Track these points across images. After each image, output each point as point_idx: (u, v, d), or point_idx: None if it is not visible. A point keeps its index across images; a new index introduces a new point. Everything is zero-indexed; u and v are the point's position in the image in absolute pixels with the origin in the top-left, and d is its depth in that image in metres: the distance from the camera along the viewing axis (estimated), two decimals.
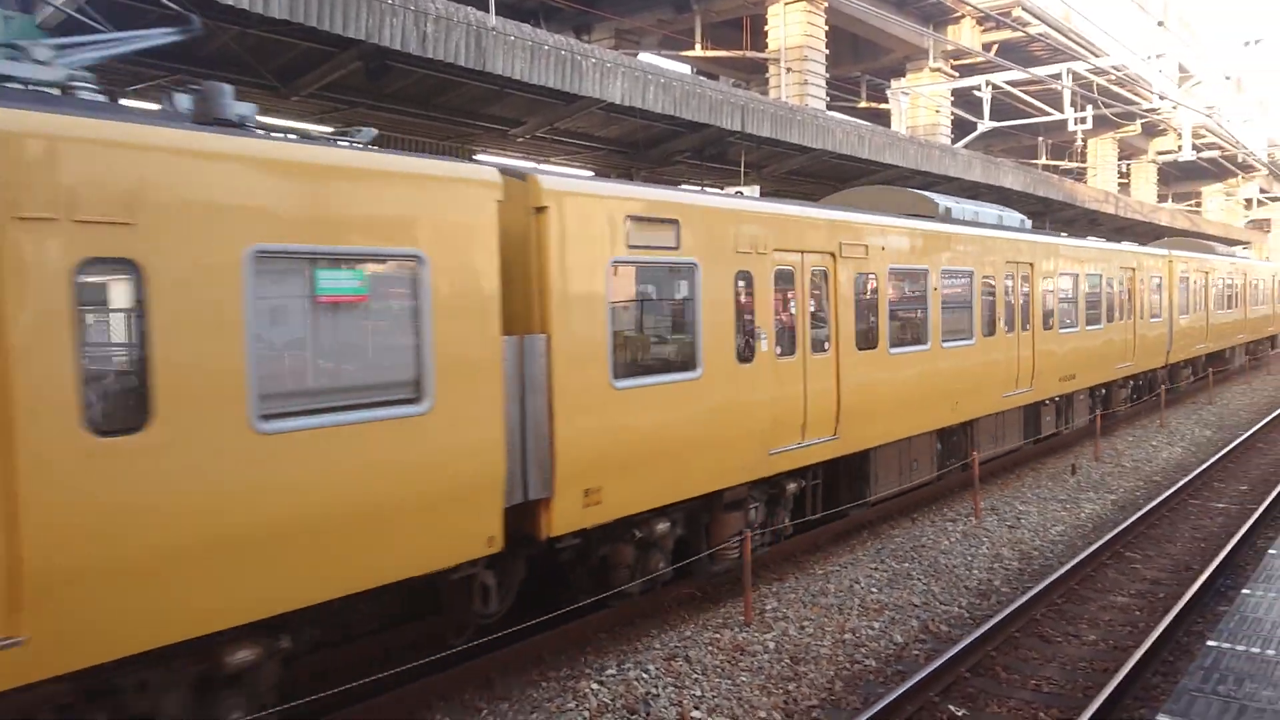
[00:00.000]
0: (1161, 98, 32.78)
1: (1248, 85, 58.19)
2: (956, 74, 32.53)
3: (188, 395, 5.32)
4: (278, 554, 5.72)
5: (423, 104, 13.68)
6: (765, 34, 27.76)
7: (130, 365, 5.28)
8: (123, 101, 12.11)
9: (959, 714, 7.55)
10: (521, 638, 8.11)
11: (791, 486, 10.68)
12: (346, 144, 6.44)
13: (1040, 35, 32.79)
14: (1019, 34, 32.18)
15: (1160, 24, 31.64)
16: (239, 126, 5.94)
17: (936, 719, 7.49)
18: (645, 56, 28.45)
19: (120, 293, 5.33)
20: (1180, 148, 34.36)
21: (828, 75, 28.38)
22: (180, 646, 5.42)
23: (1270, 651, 6.07)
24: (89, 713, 5.32)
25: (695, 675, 8.00)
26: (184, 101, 5.94)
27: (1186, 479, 15.22)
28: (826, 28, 27.64)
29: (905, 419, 12.31)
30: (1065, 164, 42.50)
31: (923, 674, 7.75)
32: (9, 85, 5.43)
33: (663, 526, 8.89)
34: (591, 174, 10.33)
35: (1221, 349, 28.93)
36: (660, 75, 14.46)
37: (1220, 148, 47.72)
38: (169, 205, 5.27)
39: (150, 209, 5.19)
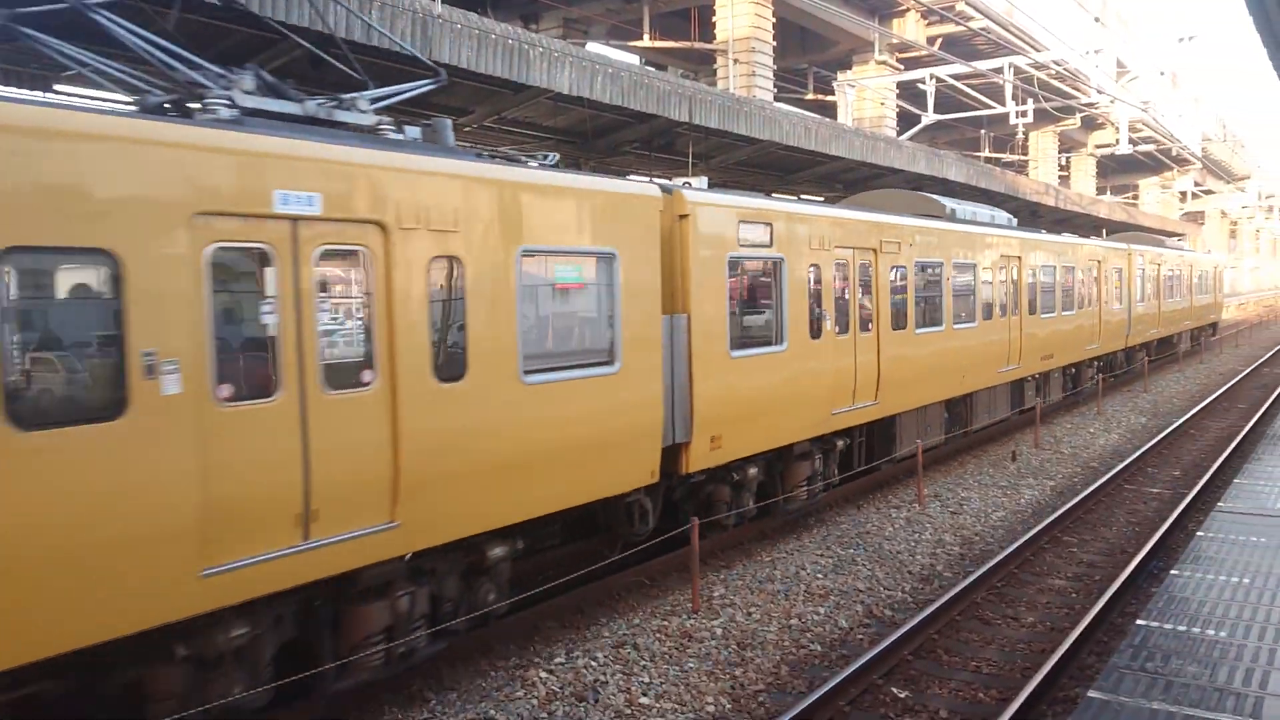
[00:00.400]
0: (1100, 92, 33.50)
1: (1182, 81, 59.66)
2: (902, 67, 32.95)
3: (485, 356, 7.34)
4: (530, 473, 7.72)
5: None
6: (713, 25, 27.85)
7: (456, 335, 7.20)
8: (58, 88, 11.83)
9: (901, 695, 7.70)
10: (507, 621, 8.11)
11: (840, 443, 12.63)
12: (536, 164, 8.36)
13: (983, 30, 33.34)
14: (962, 28, 32.68)
15: (1097, 20, 32.31)
16: (479, 156, 7.97)
17: (880, 701, 7.63)
18: (593, 46, 28.41)
19: (451, 281, 7.14)
20: (1118, 141, 35.14)
21: (775, 67, 28.57)
22: (454, 544, 7.29)
23: (1196, 629, 6.29)
24: (407, 586, 7.06)
25: (643, 662, 8.07)
26: (413, 131, 7.71)
27: (1122, 465, 15.62)
28: (774, 19, 27.81)
29: (925, 389, 14.54)
30: (1007, 156, 43.25)
31: (866, 657, 7.89)
32: (344, 129, 7.16)
33: (753, 471, 10.87)
34: (705, 181, 11.20)
35: (1171, 334, 31.39)
36: (608, 65, 14.46)
37: (1156, 142, 48.93)
38: (476, 217, 7.27)
39: (465, 220, 7.16)
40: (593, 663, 7.99)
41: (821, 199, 23.10)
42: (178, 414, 5.44)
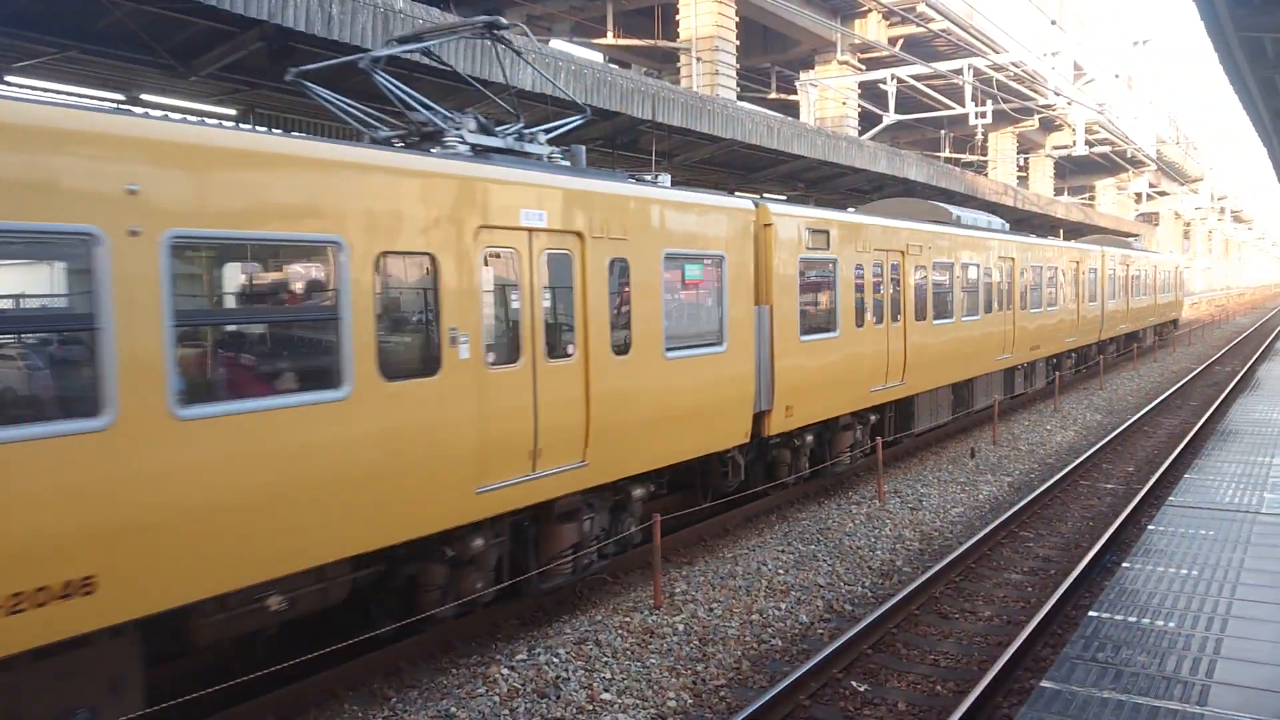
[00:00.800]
0: (1057, 94, 33.99)
1: (1137, 84, 60.68)
2: (863, 67, 33.23)
3: (643, 336, 9.40)
4: (668, 430, 9.79)
5: (329, 87, 13.39)
6: (677, 23, 27.91)
7: (624, 319, 9.21)
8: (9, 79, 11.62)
9: (861, 689, 7.79)
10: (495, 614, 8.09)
11: (873, 417, 14.71)
12: (650, 181, 10.19)
13: (943, 31, 33.69)
14: (923, 29, 33.01)
15: (1054, 22, 32.78)
16: (633, 179, 9.87)
17: (840, 694, 7.71)
18: (556, 43, 28.35)
19: (622, 278, 9.21)
20: (1075, 143, 35.69)
21: (738, 66, 28.69)
22: (613, 483, 9.35)
23: (1145, 620, 6.43)
24: (588, 513, 9.06)
25: (605, 658, 8.09)
26: (563, 158, 9.45)
27: (1077, 461, 15.89)
28: (737, 18, 27.92)
29: (939, 373, 16.56)
30: (967, 157, 43.75)
31: (826, 651, 7.97)
32: (529, 158, 8.89)
33: (810, 438, 13.02)
34: (785, 199, 12.34)
35: (1138, 329, 34.14)
36: (571, 62, 14.45)
37: (1112, 143, 49.73)
38: (638, 227, 9.34)
39: (631, 230, 9.22)
40: (555, 659, 8.00)
41: (784, 198, 23.26)
42: (468, 373, 7.48)
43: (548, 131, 9.66)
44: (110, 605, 5.35)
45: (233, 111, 13.43)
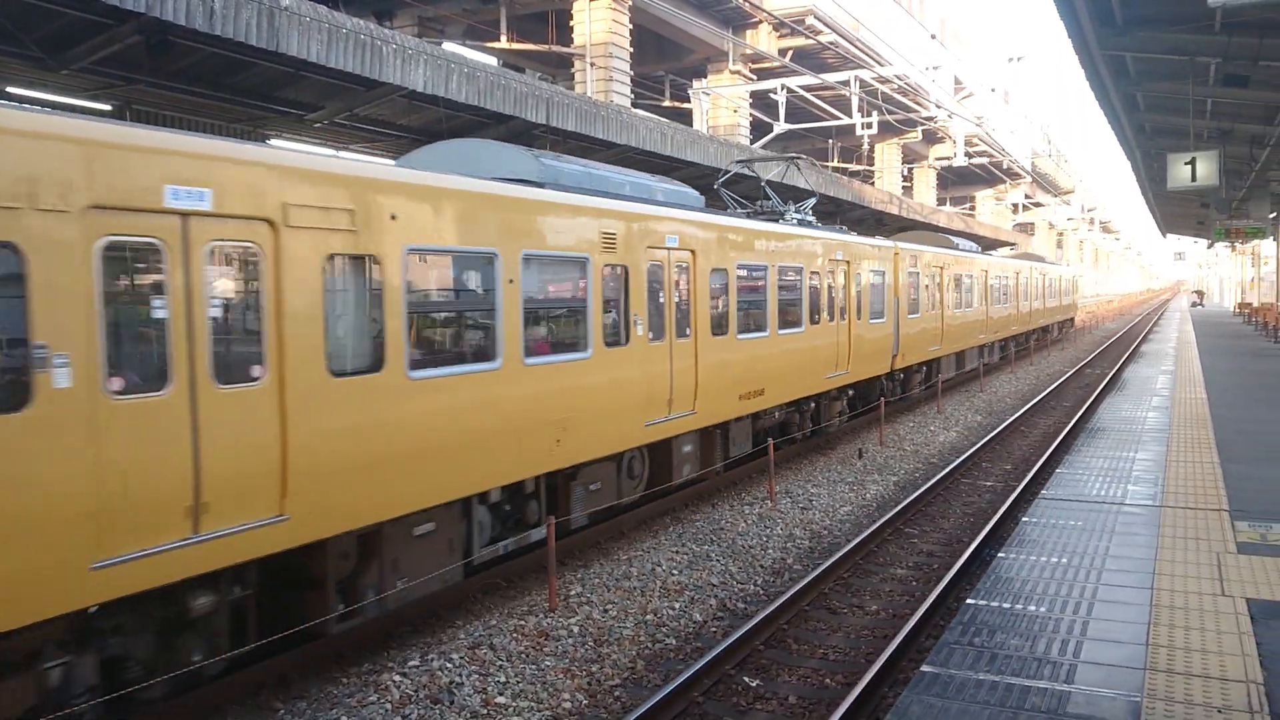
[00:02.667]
0: (938, 107, 35.23)
1: (1013, 99, 63.34)
2: (754, 77, 33.84)
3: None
4: (855, 362, 17.85)
5: (211, 84, 13.02)
6: (571, 29, 27.95)
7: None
8: None
9: (753, 684, 7.93)
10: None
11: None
12: (797, 215, 16.96)
13: (831, 44, 34.56)
14: (812, 41, 33.81)
15: (934, 37, 33.99)
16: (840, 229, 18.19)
17: (733, 690, 7.84)
18: (450, 46, 28.03)
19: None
20: (956, 154, 37.05)
21: (632, 73, 28.89)
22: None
23: (1019, 606, 6.73)
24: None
25: (500, 662, 8.05)
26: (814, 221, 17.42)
27: (959, 460, 16.49)
28: (631, 26, 28.12)
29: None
30: (854, 166, 44.96)
31: (719, 649, 8.09)
32: (807, 224, 16.97)
33: (918, 376, 23.17)
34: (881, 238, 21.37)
35: (1049, 324, 42.93)
36: (464, 64, 14.35)
37: (990, 155, 51.77)
38: (859, 256, 18.33)
39: (853, 257, 17.99)
40: (448, 664, 7.91)
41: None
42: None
43: (799, 209, 17.46)
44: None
45: (107, 107, 12.90)
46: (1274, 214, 30.15)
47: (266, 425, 6.58)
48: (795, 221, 16.52)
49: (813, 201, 18.42)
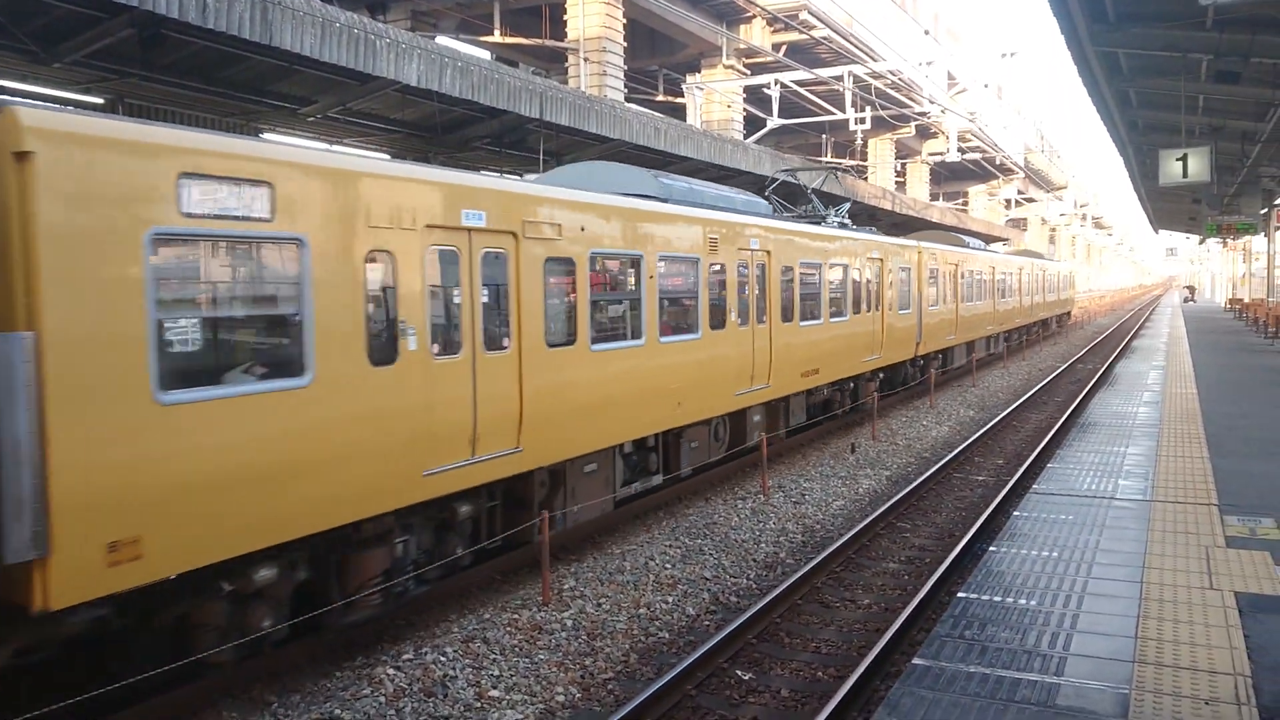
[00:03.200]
0: (931, 102, 35.28)
1: (1007, 95, 63.40)
2: (748, 72, 33.83)
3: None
4: (888, 349, 20.64)
5: (204, 77, 12.99)
6: (564, 23, 27.91)
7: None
8: None
9: (746, 677, 7.97)
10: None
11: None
12: (836, 219, 19.56)
13: (825, 39, 34.57)
14: (805, 36, 33.81)
15: (927, 32, 34.03)
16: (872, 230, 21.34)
17: (725, 683, 7.87)
18: (443, 40, 27.97)
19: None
20: (949, 150, 37.11)
21: (626, 67, 28.87)
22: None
23: (1009, 599, 6.78)
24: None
25: (493, 655, 8.07)
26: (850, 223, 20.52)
27: (951, 455, 16.54)
28: (624, 20, 28.10)
29: (941, 341, 25.45)
30: (847, 161, 45.00)
31: (712, 642, 8.13)
32: (847, 227, 19.80)
33: (936, 361, 25.77)
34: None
35: (1049, 316, 46.79)
36: (458, 59, 14.32)
37: (983, 151, 51.85)
38: (892, 253, 21.01)
39: (887, 255, 20.74)
40: (442, 658, 7.94)
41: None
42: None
43: (837, 212, 20.02)
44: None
45: (99, 100, 12.87)
46: (1265, 210, 30.28)
47: (511, 382, 9.10)
48: (836, 224, 19.20)
49: (847, 205, 21.36)
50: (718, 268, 13.11)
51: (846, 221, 19.95)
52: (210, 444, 6.11)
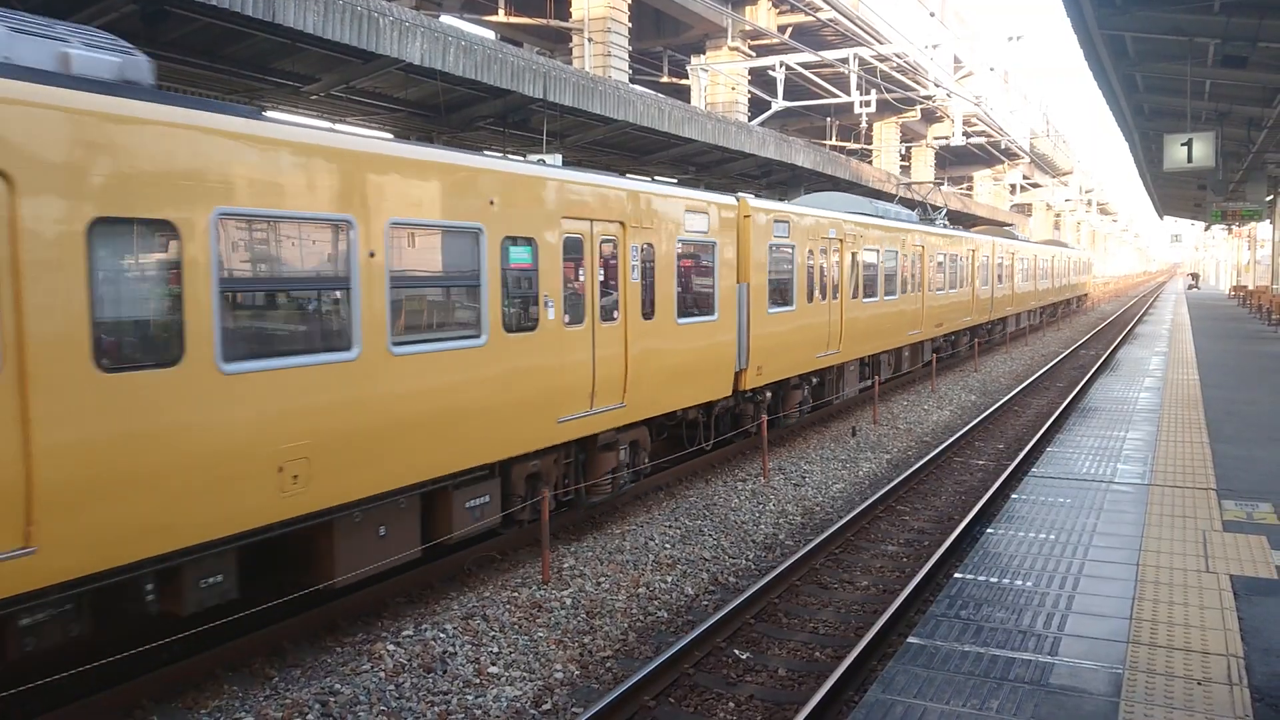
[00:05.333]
0: (937, 85, 35.11)
1: (1013, 79, 63.06)
2: (753, 54, 33.67)
3: (933, 285, 24.25)
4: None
5: (207, 55, 12.95)
6: (569, 3, 27.77)
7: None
8: None
9: (744, 657, 8.02)
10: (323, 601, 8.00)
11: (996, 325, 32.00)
12: (942, 221, 27.17)
13: (831, 21, 34.37)
14: (811, 18, 33.64)
15: (933, 15, 33.83)
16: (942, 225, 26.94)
17: (723, 663, 7.93)
18: (447, 19, 27.86)
19: (938, 262, 24.95)
20: (954, 134, 36.97)
21: (630, 48, 28.74)
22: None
23: (1005, 580, 6.81)
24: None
25: (493, 633, 8.13)
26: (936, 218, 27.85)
27: (952, 439, 16.58)
28: (629, 1, 27.94)
29: (1004, 311, 32.94)
30: (852, 145, 44.83)
31: (710, 622, 8.18)
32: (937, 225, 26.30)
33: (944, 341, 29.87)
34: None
35: (1069, 298, 53.79)
36: (461, 37, 14.27)
37: (988, 135, 51.61)
38: (950, 244, 26.15)
39: (949, 246, 26.23)
40: (441, 635, 7.99)
41: (674, 181, 23.70)
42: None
43: (940, 216, 27.02)
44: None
45: None
46: (1270, 196, 30.17)
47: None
48: (943, 225, 26.66)
49: (944, 212, 29.93)
50: (908, 256, 22.05)
51: (947, 224, 27.74)
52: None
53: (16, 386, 5.29)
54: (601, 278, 10.52)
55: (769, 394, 15.42)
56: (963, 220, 44.34)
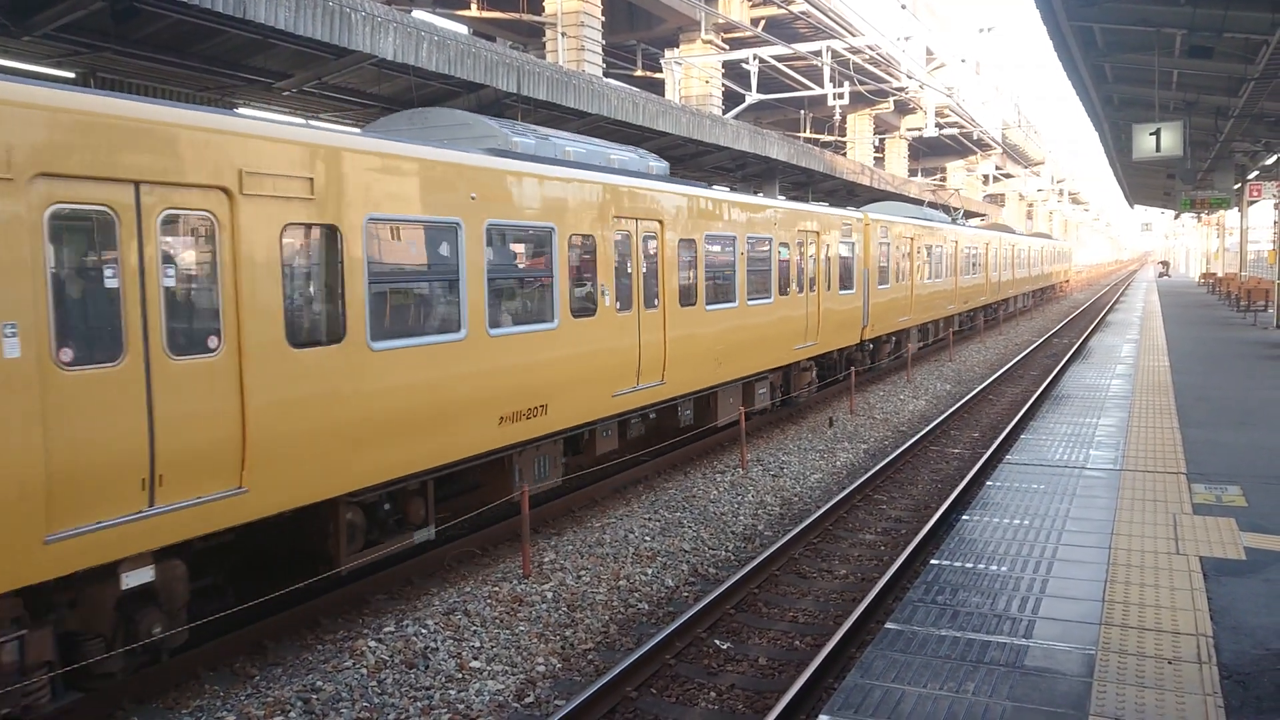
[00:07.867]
0: (909, 77, 35.29)
1: (984, 70, 63.44)
2: (727, 47, 33.69)
3: (961, 272, 31.03)
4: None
5: (178, 51, 12.84)
6: None
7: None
8: None
9: (724, 647, 8.09)
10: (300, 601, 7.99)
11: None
12: (965, 221, 36.04)
13: (803, 13, 34.47)
14: (784, 11, 33.71)
15: (904, 7, 34.02)
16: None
17: (704, 653, 7.99)
18: (419, 14, 27.71)
19: (965, 254, 31.80)
20: (926, 125, 37.17)
21: (604, 42, 28.70)
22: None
23: (981, 565, 6.91)
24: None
25: (474, 628, 8.15)
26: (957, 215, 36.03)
27: (928, 428, 16.73)
28: None
29: (1007, 292, 39.56)
30: (826, 137, 44.98)
31: (691, 613, 8.24)
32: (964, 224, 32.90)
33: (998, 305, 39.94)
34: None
35: (1051, 284, 59.64)
36: (434, 33, 14.21)
37: (961, 126, 51.95)
38: (973, 240, 33.36)
39: (973, 243, 33.39)
40: (423, 630, 8.01)
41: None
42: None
43: (964, 217, 36.39)
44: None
45: (71, 75, 12.71)
46: (1238, 185, 30.56)
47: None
48: (963, 224, 32.75)
49: (961, 212, 37.45)
50: (943, 249, 27.90)
51: (964, 222, 34.26)
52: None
53: (235, 360, 6.62)
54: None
55: (870, 345, 22.32)
56: (945, 212, 45.86)
